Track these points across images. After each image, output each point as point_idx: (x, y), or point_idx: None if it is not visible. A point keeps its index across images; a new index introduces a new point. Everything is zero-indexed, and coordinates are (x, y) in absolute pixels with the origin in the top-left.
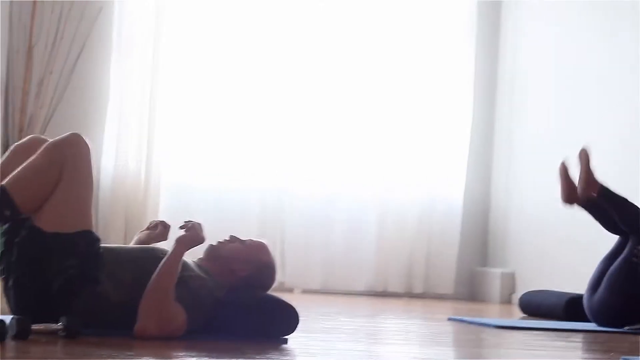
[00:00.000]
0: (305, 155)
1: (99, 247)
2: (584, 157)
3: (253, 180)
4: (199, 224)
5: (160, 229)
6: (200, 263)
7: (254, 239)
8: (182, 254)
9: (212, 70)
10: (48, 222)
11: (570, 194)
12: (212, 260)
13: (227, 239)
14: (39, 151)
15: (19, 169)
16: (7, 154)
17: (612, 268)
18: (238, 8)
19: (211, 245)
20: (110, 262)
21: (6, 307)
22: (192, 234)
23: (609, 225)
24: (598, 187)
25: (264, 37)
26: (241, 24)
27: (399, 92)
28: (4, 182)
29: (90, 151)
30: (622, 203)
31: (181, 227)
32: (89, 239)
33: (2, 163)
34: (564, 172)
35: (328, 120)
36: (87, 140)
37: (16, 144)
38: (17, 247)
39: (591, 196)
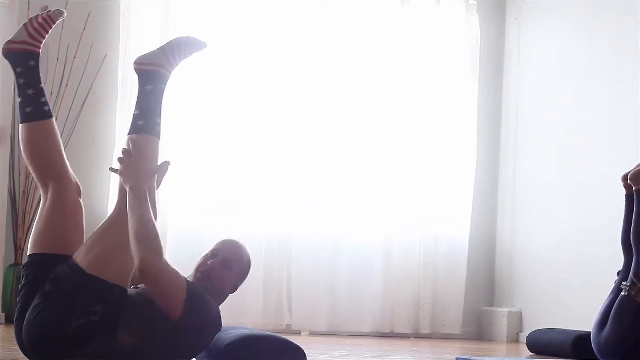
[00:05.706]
0: (309, 199)
1: (128, 303)
2: None
3: (258, 227)
4: (125, 150)
5: None
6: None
7: (224, 249)
8: (139, 193)
9: (216, 118)
10: (91, 264)
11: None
12: (204, 282)
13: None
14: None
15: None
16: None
17: (615, 303)
18: (243, 58)
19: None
20: (129, 311)
21: (7, 353)
22: (130, 168)
23: (625, 232)
24: None
25: (268, 85)
26: (246, 74)
27: (402, 132)
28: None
29: None
30: None
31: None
32: (122, 294)
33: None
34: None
35: (332, 163)
36: None
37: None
38: (53, 279)
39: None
